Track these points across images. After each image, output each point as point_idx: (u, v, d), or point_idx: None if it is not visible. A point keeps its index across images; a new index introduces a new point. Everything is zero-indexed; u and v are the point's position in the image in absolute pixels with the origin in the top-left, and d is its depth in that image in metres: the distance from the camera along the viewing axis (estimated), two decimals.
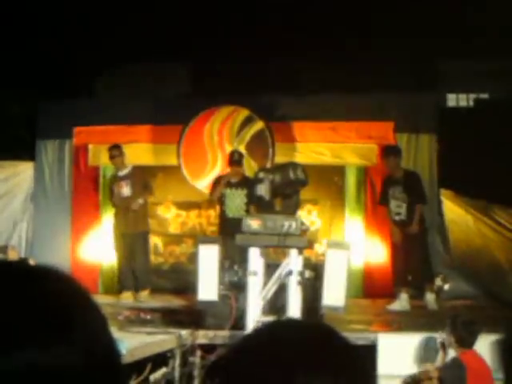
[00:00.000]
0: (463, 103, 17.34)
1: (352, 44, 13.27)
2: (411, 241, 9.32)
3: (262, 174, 7.78)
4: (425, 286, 9.46)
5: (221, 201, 9.75)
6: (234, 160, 9.76)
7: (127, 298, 9.73)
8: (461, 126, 11.79)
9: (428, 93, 12.14)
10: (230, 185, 9.67)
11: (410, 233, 9.29)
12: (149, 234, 10.29)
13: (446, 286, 9.79)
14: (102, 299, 8.98)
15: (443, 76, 16.13)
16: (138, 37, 12.47)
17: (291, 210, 6.09)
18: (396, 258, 9.56)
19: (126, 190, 9.85)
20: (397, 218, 9.42)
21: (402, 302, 9.22)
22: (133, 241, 9.86)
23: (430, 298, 9.36)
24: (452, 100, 17.24)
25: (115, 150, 9.98)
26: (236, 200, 9.62)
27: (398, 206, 9.40)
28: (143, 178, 10.10)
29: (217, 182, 9.85)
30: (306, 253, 6.70)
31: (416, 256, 9.34)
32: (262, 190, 6.55)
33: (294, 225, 5.92)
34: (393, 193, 9.47)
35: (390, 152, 9.71)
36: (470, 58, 16.15)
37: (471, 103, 16.73)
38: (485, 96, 16.62)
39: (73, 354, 0.93)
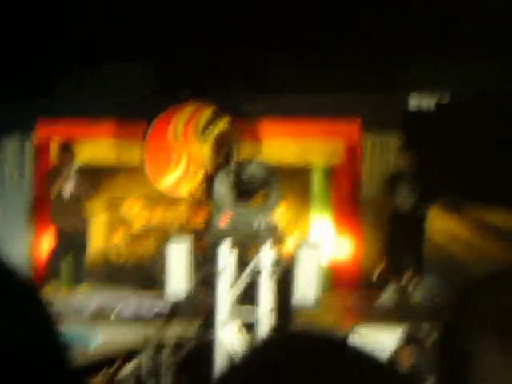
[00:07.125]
0: (425, 103, 17.44)
1: (317, 43, 13.26)
2: (412, 228, 9.47)
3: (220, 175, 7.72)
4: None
5: None
6: None
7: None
8: (425, 125, 11.83)
9: (391, 92, 12.18)
10: None
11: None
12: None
13: None
14: None
15: (406, 75, 16.21)
16: (100, 35, 12.33)
17: (268, 207, 6.00)
18: (393, 245, 9.58)
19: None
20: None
21: (389, 294, 9.17)
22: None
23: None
24: (415, 99, 17.32)
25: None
26: None
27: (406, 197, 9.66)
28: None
29: None
30: (276, 249, 6.64)
31: (416, 244, 9.56)
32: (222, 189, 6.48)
33: (264, 221, 5.86)
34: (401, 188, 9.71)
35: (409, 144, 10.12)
36: (432, 58, 16.25)
37: (433, 103, 16.84)
38: (447, 96, 16.73)
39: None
